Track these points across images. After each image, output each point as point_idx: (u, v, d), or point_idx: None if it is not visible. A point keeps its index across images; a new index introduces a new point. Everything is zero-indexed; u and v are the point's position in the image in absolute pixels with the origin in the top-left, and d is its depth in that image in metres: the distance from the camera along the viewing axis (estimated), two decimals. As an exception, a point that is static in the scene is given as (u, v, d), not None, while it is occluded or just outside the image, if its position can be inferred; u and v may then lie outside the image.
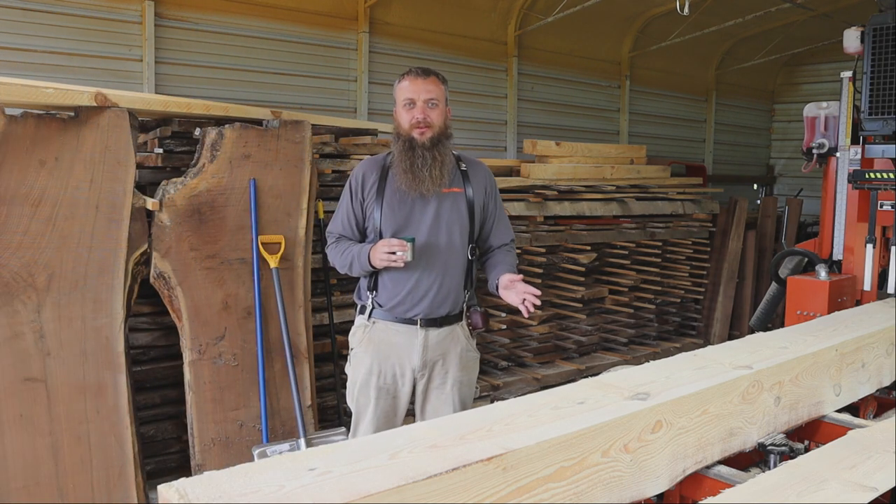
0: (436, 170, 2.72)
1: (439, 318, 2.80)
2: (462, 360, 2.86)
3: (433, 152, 2.72)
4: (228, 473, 1.26)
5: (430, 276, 2.77)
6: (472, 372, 2.93)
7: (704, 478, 1.86)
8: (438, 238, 2.78)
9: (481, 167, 2.97)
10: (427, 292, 2.77)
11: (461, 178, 2.86)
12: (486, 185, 2.93)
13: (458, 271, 2.83)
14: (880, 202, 3.94)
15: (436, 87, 2.79)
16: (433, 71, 2.84)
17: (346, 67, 6.39)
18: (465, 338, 2.88)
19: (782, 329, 2.78)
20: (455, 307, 2.84)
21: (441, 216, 2.79)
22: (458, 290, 2.84)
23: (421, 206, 2.77)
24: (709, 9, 7.46)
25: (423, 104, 2.75)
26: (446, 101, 2.85)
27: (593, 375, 2.07)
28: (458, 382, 2.86)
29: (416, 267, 2.74)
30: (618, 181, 6.64)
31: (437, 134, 2.76)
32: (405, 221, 2.77)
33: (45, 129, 3.08)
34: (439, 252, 2.78)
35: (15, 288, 3.03)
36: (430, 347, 2.80)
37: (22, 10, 4.88)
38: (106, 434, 3.20)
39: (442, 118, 2.79)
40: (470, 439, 1.45)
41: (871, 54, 3.94)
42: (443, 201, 2.79)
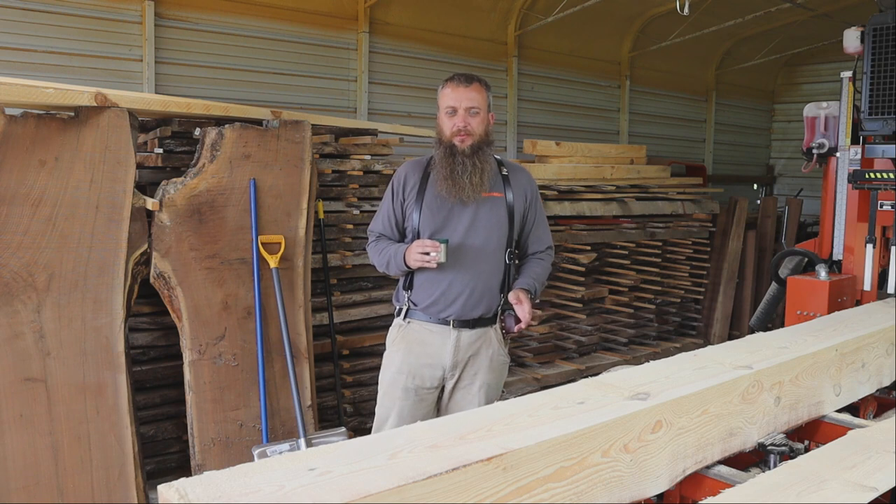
0: (476, 177, 2.75)
1: (472, 320, 2.83)
2: (492, 363, 2.88)
3: (473, 160, 2.75)
4: (228, 473, 1.26)
5: (464, 279, 2.80)
6: (501, 376, 2.94)
7: (704, 478, 1.86)
8: (474, 241, 2.80)
9: (524, 173, 2.99)
10: (460, 294, 2.80)
11: (502, 183, 2.88)
12: (528, 192, 2.95)
13: (492, 275, 2.84)
14: (880, 202, 3.94)
15: (478, 94, 2.80)
16: (476, 77, 2.84)
17: (346, 67, 6.39)
18: (498, 341, 2.89)
19: (782, 329, 2.78)
20: (489, 310, 2.85)
21: (479, 220, 2.81)
22: (492, 294, 2.85)
23: (459, 209, 2.80)
24: (709, 9, 7.45)
25: (465, 112, 2.77)
26: (489, 107, 2.86)
27: (593, 375, 2.07)
28: (486, 385, 2.87)
29: (450, 269, 2.77)
30: (618, 181, 6.64)
31: (477, 141, 2.78)
32: (443, 224, 2.81)
33: (45, 129, 3.07)
34: (474, 255, 2.80)
35: (15, 288, 3.03)
36: (461, 348, 2.82)
37: (22, 10, 4.87)
38: (106, 434, 3.20)
39: (483, 126, 2.81)
40: (470, 439, 1.45)
41: (871, 54, 3.94)
42: (481, 205, 2.82)
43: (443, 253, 2.71)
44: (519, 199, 2.90)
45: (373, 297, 4.68)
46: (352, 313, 4.56)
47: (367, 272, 4.69)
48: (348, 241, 4.60)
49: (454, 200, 2.78)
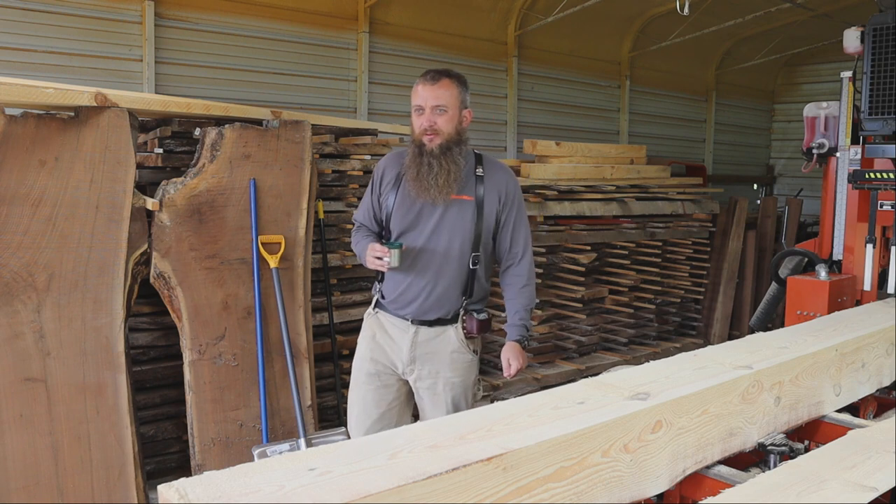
0: (441, 178, 2.69)
1: (432, 320, 2.83)
2: (454, 363, 2.85)
3: (441, 160, 2.70)
4: (228, 473, 1.26)
5: (422, 282, 2.79)
6: (467, 374, 2.90)
7: (704, 478, 1.86)
8: (437, 245, 2.77)
9: (501, 174, 2.87)
10: (417, 296, 2.80)
11: (474, 184, 2.81)
12: (503, 193, 2.83)
13: (453, 279, 2.81)
14: (880, 202, 3.94)
15: (446, 91, 2.74)
16: (447, 73, 2.78)
17: (346, 67, 6.39)
18: (459, 340, 2.86)
19: (782, 329, 2.78)
20: (448, 313, 2.84)
21: (444, 223, 2.77)
22: (452, 298, 2.83)
23: (429, 210, 2.77)
24: (709, 9, 7.45)
25: (431, 111, 2.73)
26: (462, 104, 2.78)
27: (593, 375, 2.07)
28: (451, 384, 2.84)
29: (411, 270, 2.79)
30: (618, 181, 6.64)
31: (446, 141, 2.72)
32: (411, 224, 2.79)
33: (45, 129, 3.07)
34: (435, 259, 2.78)
35: (15, 288, 3.03)
36: (418, 343, 2.82)
37: (22, 10, 4.87)
38: (106, 434, 3.20)
39: (452, 124, 2.74)
40: (470, 439, 1.45)
41: (871, 54, 3.94)
42: (449, 208, 2.77)
43: (395, 258, 2.71)
44: (491, 201, 2.81)
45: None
46: (352, 313, 4.55)
47: (367, 272, 4.69)
48: (348, 241, 4.58)
49: (423, 201, 2.76)
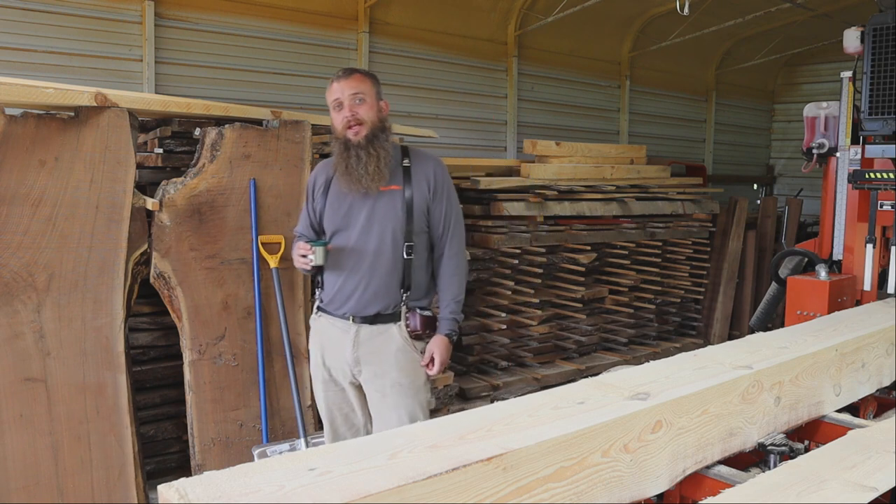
0: (371, 165, 2.70)
1: (370, 317, 2.80)
2: (398, 361, 2.79)
3: (368, 149, 2.71)
4: (228, 473, 1.26)
5: (356, 277, 2.78)
6: (415, 375, 2.83)
7: (704, 478, 1.86)
8: (368, 238, 2.77)
9: (428, 163, 2.87)
10: (353, 292, 2.79)
11: (402, 174, 2.81)
12: (431, 182, 2.83)
13: (388, 272, 2.78)
14: (880, 202, 3.94)
15: (360, 83, 2.75)
16: (358, 69, 2.83)
17: (346, 67, 6.39)
18: (402, 338, 2.81)
19: (782, 329, 2.78)
20: (387, 307, 2.80)
21: (374, 216, 2.77)
22: (389, 291, 2.79)
23: (358, 206, 2.78)
24: (709, 9, 7.45)
25: (350, 101, 2.73)
26: (377, 95, 2.80)
27: (593, 375, 2.07)
28: (398, 384, 2.79)
29: (345, 266, 2.79)
30: (618, 181, 6.63)
31: (371, 130, 2.74)
32: (343, 222, 2.81)
33: (45, 129, 3.07)
34: (368, 252, 2.77)
35: (15, 288, 3.03)
36: (361, 343, 2.80)
37: (22, 10, 4.87)
38: (106, 434, 3.20)
39: (373, 112, 2.76)
40: (470, 439, 1.45)
41: (871, 54, 3.94)
42: (378, 200, 2.77)
43: (318, 256, 2.72)
44: (419, 191, 2.80)
45: (373, 297, 4.67)
46: (352, 313, 4.55)
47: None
48: (348, 241, 4.59)
49: (355, 195, 2.76)
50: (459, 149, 7.06)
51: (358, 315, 2.79)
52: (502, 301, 5.73)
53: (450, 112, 7.06)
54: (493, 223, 5.76)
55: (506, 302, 5.75)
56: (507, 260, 5.75)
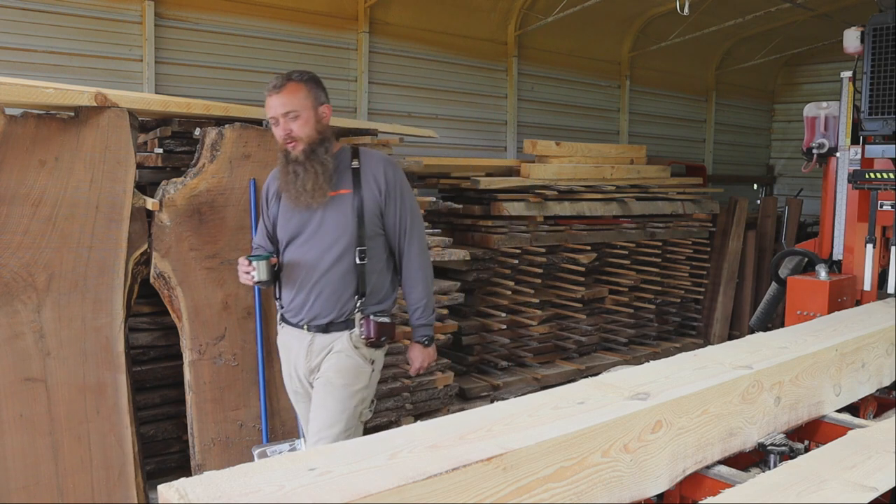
0: (308, 183, 2.65)
1: (324, 325, 2.75)
2: (338, 363, 2.72)
3: (306, 165, 2.66)
4: (228, 473, 1.26)
5: (308, 286, 2.73)
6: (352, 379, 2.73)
7: (704, 478, 1.86)
8: (320, 244, 2.71)
9: (378, 164, 2.79)
10: (305, 302, 2.74)
11: (351, 177, 2.74)
12: (381, 184, 2.75)
13: (340, 280, 2.72)
14: (880, 202, 3.94)
15: (291, 96, 2.66)
16: (290, 77, 2.70)
17: (346, 67, 6.39)
18: (351, 344, 2.74)
19: (782, 329, 2.78)
20: (341, 315, 2.74)
21: (324, 223, 2.71)
22: (342, 299, 2.73)
23: (309, 214, 2.73)
24: (709, 9, 7.45)
25: (284, 120, 2.67)
26: (316, 102, 2.71)
27: (593, 375, 2.07)
28: (329, 384, 2.72)
29: (296, 277, 2.74)
30: (618, 181, 6.64)
31: (308, 144, 2.68)
32: (295, 231, 2.76)
33: (45, 129, 3.07)
34: (318, 262, 2.71)
35: (15, 288, 3.03)
36: (314, 352, 2.76)
37: (22, 10, 4.87)
38: (106, 434, 3.20)
39: (308, 127, 2.68)
40: (470, 439, 1.45)
41: (871, 54, 3.94)
42: (328, 206, 2.71)
43: (261, 271, 2.67)
44: (370, 194, 2.73)
45: (373, 297, 4.68)
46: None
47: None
48: (348, 241, 4.60)
49: (301, 206, 2.71)
50: (459, 149, 7.06)
51: (312, 323, 2.75)
52: (502, 301, 5.74)
53: (450, 112, 7.06)
54: (493, 223, 5.76)
55: (506, 302, 5.75)
56: (507, 260, 5.75)
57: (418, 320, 2.86)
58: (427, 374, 4.89)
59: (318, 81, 2.76)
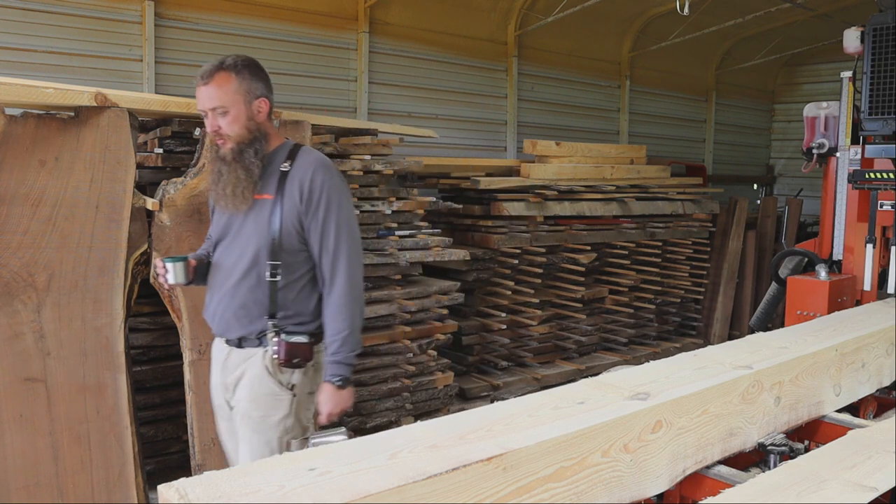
0: (229, 187, 2.40)
1: (237, 339, 2.51)
2: (252, 392, 2.46)
3: (231, 166, 2.40)
4: (228, 473, 1.27)
5: (219, 295, 2.51)
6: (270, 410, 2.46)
7: (704, 478, 1.86)
8: (231, 254, 2.49)
9: (307, 168, 2.43)
10: (216, 311, 2.53)
11: (277, 181, 2.42)
12: (304, 189, 2.40)
13: (251, 292, 2.44)
14: (880, 202, 3.94)
15: (219, 89, 2.38)
16: (222, 65, 2.40)
17: (346, 67, 6.39)
18: (263, 367, 2.46)
19: (782, 329, 2.78)
20: (251, 331, 2.47)
21: (243, 229, 2.47)
22: (252, 314, 2.45)
23: (235, 217, 2.50)
24: (709, 9, 7.45)
25: (212, 115, 2.41)
26: (249, 95, 2.42)
27: (593, 375, 2.07)
28: (248, 417, 2.47)
29: (211, 284, 2.55)
30: (618, 181, 6.64)
31: (237, 144, 2.41)
32: (223, 232, 2.55)
33: (45, 129, 3.07)
34: (230, 271, 2.48)
35: (15, 288, 3.03)
36: (229, 368, 2.54)
37: (22, 10, 4.87)
38: (106, 434, 3.20)
39: (237, 125, 2.40)
40: (470, 439, 1.45)
41: (871, 54, 3.95)
42: (250, 211, 2.45)
43: (175, 273, 2.45)
44: (290, 199, 2.40)
45: (373, 297, 4.68)
46: (352, 313, 4.55)
47: (367, 272, 4.69)
48: (348, 241, 4.60)
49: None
50: (459, 149, 7.06)
51: (224, 336, 2.54)
52: (502, 301, 5.74)
53: (450, 112, 7.06)
54: (493, 223, 5.76)
55: (506, 302, 5.75)
56: (507, 260, 5.75)
57: (333, 356, 2.44)
58: (427, 374, 4.89)
59: (257, 70, 2.46)
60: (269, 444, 2.45)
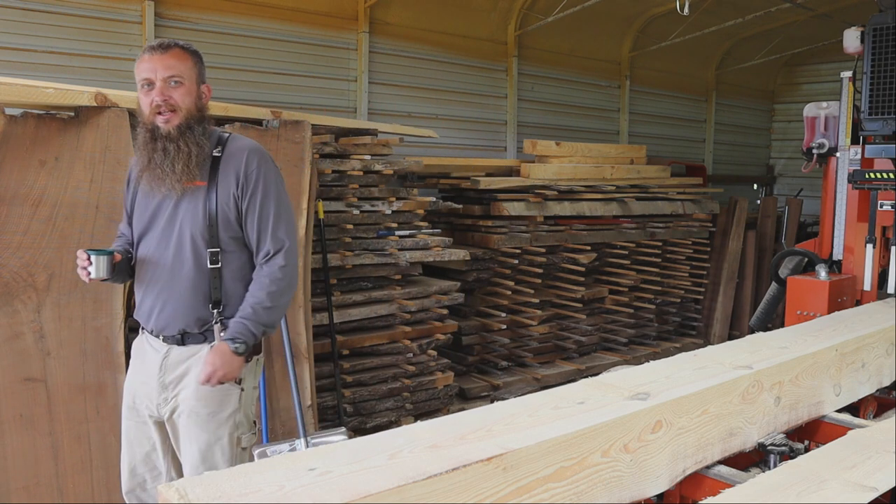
0: (179, 163, 2.30)
1: (179, 336, 2.38)
2: (200, 389, 2.33)
3: (178, 143, 2.30)
4: (228, 473, 1.27)
5: (156, 289, 2.40)
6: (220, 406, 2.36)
7: (704, 478, 1.86)
8: (168, 243, 2.37)
9: (241, 153, 2.41)
10: (153, 307, 2.40)
11: (210, 167, 2.37)
12: (240, 174, 2.37)
13: (190, 285, 2.36)
14: (880, 202, 3.94)
15: (178, 61, 2.33)
16: (178, 43, 2.38)
17: (346, 67, 6.39)
18: None
19: (782, 329, 2.78)
20: (194, 325, 2.38)
21: (175, 218, 2.37)
22: (192, 307, 2.37)
23: (163, 206, 2.39)
24: (709, 9, 7.45)
25: (163, 83, 2.30)
26: (199, 77, 2.40)
27: (593, 375, 2.07)
28: (195, 414, 2.35)
29: (143, 278, 2.42)
30: (618, 181, 6.64)
31: (185, 119, 2.33)
32: (147, 224, 2.42)
33: (45, 129, 3.07)
34: (165, 262, 2.38)
35: (15, 288, 3.03)
36: (169, 367, 2.39)
37: (22, 10, 4.87)
38: (106, 434, 3.20)
39: (191, 98, 2.35)
40: (470, 439, 1.45)
41: (871, 54, 3.95)
42: (181, 200, 2.36)
43: (100, 267, 2.30)
44: (225, 185, 2.36)
45: (373, 297, 4.68)
46: (352, 313, 4.56)
47: (366, 272, 4.69)
48: (348, 241, 4.60)
49: (159, 196, 2.37)
50: (459, 149, 7.06)
51: (162, 333, 2.39)
52: (502, 301, 5.74)
53: (450, 112, 7.06)
54: (493, 223, 5.76)
55: (506, 302, 5.75)
56: (507, 260, 5.76)
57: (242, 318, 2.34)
58: (427, 374, 4.90)
59: (202, 60, 2.46)
60: (220, 441, 2.37)
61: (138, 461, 2.48)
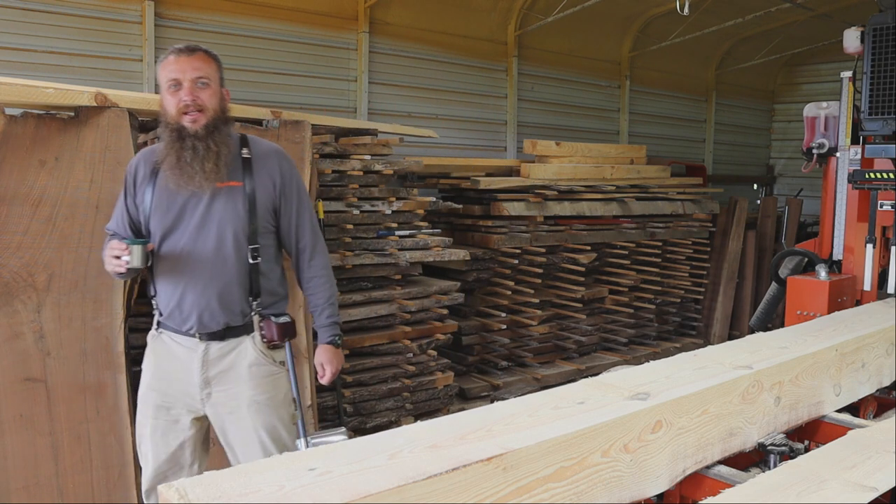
0: (209, 162, 2.37)
1: (220, 331, 2.47)
2: (253, 377, 2.47)
3: (207, 142, 2.38)
4: (228, 473, 1.27)
5: (198, 287, 2.44)
6: (274, 391, 2.53)
7: (704, 478, 1.86)
8: (206, 241, 2.43)
9: (272, 156, 2.56)
10: (195, 304, 2.45)
11: (242, 168, 2.48)
12: (276, 178, 2.52)
13: (232, 279, 2.45)
14: (880, 202, 3.94)
15: (205, 64, 2.42)
16: (201, 48, 2.48)
17: (346, 67, 6.39)
18: (257, 351, 2.50)
19: (782, 329, 2.78)
20: (236, 319, 2.48)
21: (211, 216, 2.43)
22: (236, 301, 2.47)
23: (192, 204, 2.43)
24: (709, 9, 7.45)
25: (191, 84, 2.38)
26: (221, 80, 2.50)
27: (593, 375, 2.07)
28: (255, 403, 2.48)
29: (183, 274, 2.45)
30: (618, 181, 6.64)
31: (212, 119, 2.41)
32: (173, 223, 2.45)
33: (45, 129, 3.07)
34: (206, 257, 2.44)
35: (15, 288, 3.03)
36: (210, 362, 2.46)
37: (22, 10, 4.87)
38: (106, 434, 3.20)
39: (216, 99, 2.44)
40: (470, 439, 1.45)
41: (871, 54, 3.95)
42: (215, 198, 2.43)
43: (136, 256, 2.34)
44: (264, 187, 2.49)
45: (373, 297, 4.68)
46: (352, 313, 4.56)
47: (366, 272, 4.69)
48: (348, 241, 4.60)
49: (186, 193, 2.42)
50: (459, 149, 7.07)
51: (205, 331, 2.46)
52: (502, 301, 5.74)
53: (450, 112, 7.06)
54: (493, 223, 5.77)
55: (506, 302, 5.75)
56: (507, 260, 5.76)
57: (329, 318, 2.63)
58: (427, 374, 4.90)
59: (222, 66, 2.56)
60: (283, 420, 2.54)
61: (163, 460, 2.55)
